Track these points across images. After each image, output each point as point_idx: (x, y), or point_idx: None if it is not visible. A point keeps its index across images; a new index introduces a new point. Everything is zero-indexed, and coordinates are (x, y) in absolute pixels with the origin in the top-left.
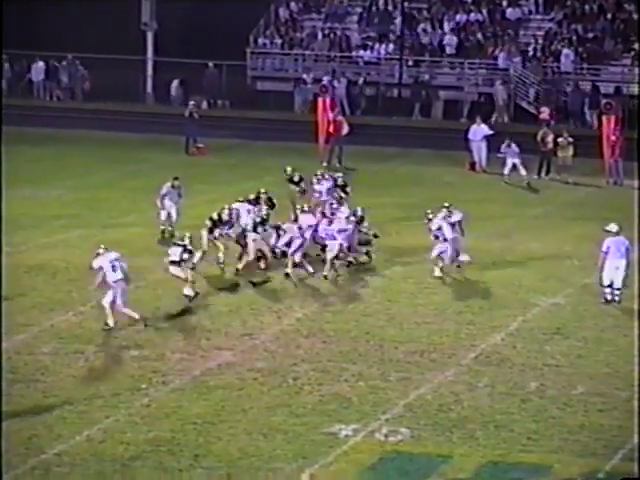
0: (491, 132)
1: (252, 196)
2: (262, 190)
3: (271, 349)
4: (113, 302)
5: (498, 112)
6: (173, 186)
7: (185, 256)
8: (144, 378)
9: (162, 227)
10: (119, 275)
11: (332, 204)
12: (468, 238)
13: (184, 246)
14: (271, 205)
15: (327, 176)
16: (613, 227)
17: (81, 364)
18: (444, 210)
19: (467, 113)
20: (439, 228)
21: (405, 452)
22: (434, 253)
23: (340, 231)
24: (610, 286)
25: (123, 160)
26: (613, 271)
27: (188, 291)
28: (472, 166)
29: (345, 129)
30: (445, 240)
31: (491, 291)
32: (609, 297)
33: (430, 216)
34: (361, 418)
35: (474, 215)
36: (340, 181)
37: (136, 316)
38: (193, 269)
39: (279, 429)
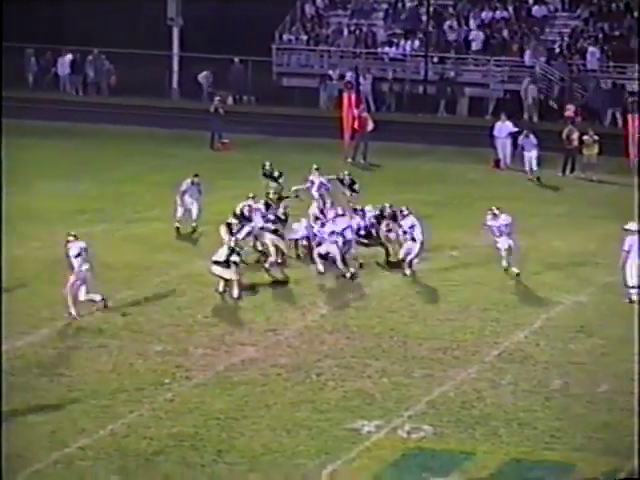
0: (516, 129)
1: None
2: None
3: (295, 345)
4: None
5: (528, 110)
6: (193, 182)
7: (233, 258)
8: (168, 373)
9: (177, 224)
10: (87, 265)
11: (324, 203)
12: (491, 236)
13: (232, 249)
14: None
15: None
16: (633, 225)
17: (105, 359)
18: (489, 213)
19: (492, 110)
20: (412, 226)
21: (428, 449)
22: (401, 253)
23: (333, 233)
24: (635, 287)
25: (148, 155)
26: (636, 270)
27: (235, 293)
28: (497, 163)
29: (370, 125)
30: (413, 240)
31: (515, 289)
32: (634, 297)
33: (496, 211)
34: (384, 414)
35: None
36: (347, 180)
37: (97, 297)
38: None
39: (302, 425)
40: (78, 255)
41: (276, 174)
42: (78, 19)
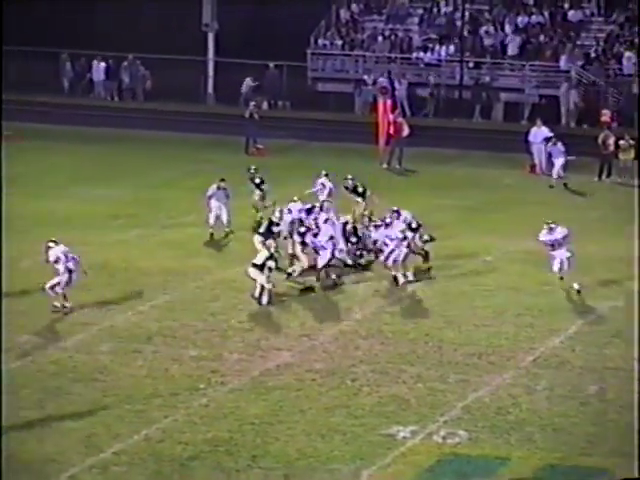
0: (551, 134)
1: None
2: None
3: (329, 350)
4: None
5: (567, 116)
6: (219, 187)
7: (269, 263)
8: (203, 378)
9: (210, 230)
10: (71, 265)
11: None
12: (528, 239)
13: (271, 254)
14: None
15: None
16: None
17: (140, 363)
18: (545, 227)
19: (528, 115)
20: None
21: (463, 454)
22: (390, 261)
23: (331, 238)
24: None
25: (183, 160)
26: None
27: (264, 299)
28: (532, 168)
29: (405, 131)
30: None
31: (549, 294)
32: None
33: (552, 225)
34: (419, 420)
35: (534, 218)
36: (350, 184)
37: (67, 304)
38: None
39: (337, 430)
40: (57, 261)
41: (257, 180)
42: (113, 24)
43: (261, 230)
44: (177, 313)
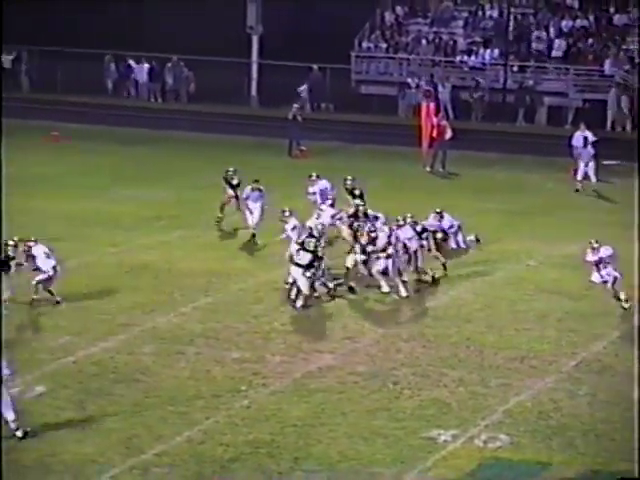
0: (595, 138)
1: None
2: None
3: (371, 353)
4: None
5: (619, 120)
6: (252, 189)
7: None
8: (244, 380)
9: (252, 231)
10: (53, 262)
11: (320, 210)
12: (570, 243)
13: (315, 254)
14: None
15: (318, 178)
16: None
17: (182, 365)
18: (588, 247)
19: (572, 119)
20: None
21: (504, 459)
22: (375, 269)
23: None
24: None
25: (226, 162)
26: None
27: (299, 302)
28: (576, 172)
29: (449, 134)
30: (388, 257)
31: (592, 298)
32: None
33: (595, 245)
34: (460, 424)
35: (578, 222)
36: (349, 184)
37: (57, 299)
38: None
39: (379, 433)
40: (46, 255)
41: (235, 181)
42: (157, 26)
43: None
44: (220, 315)
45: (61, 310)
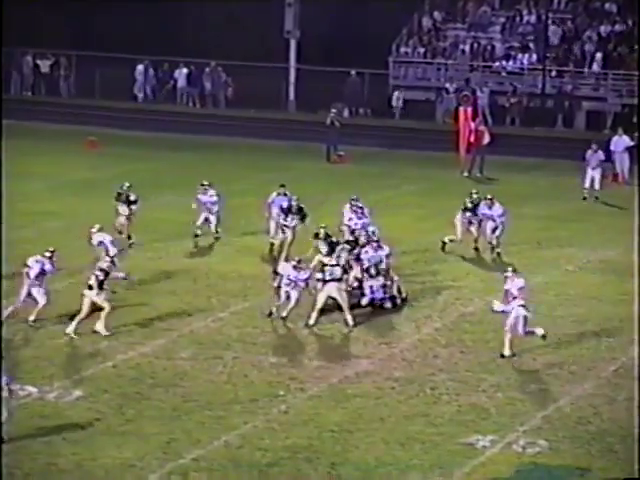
0: (632, 143)
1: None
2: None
3: (409, 358)
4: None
5: None
6: (279, 194)
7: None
8: (282, 385)
9: (272, 240)
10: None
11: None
12: (609, 249)
13: (342, 266)
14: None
15: (210, 187)
16: None
17: (220, 370)
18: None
19: (610, 124)
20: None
21: (542, 464)
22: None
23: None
24: None
25: (265, 167)
26: None
27: (350, 321)
28: (615, 177)
29: (486, 139)
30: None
31: (631, 304)
32: None
33: (508, 274)
34: (499, 429)
35: (615, 227)
36: (294, 203)
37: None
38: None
39: (416, 438)
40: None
41: (133, 198)
42: (196, 31)
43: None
44: (257, 319)
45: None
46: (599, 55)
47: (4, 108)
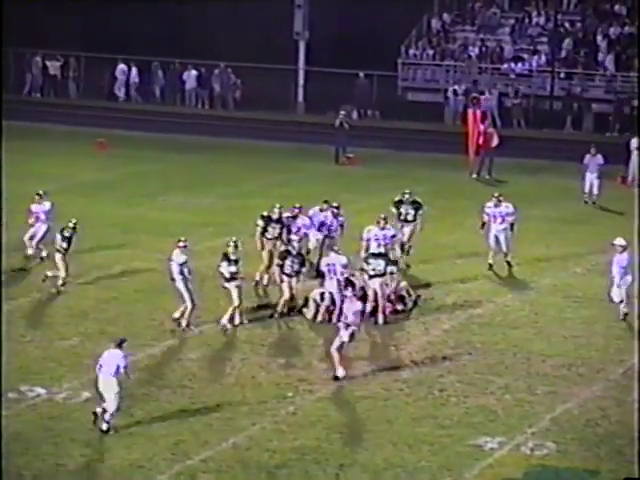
0: None
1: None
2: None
3: (417, 360)
4: None
5: None
6: (322, 209)
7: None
8: (290, 386)
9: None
10: None
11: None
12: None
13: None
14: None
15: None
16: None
17: (228, 371)
18: None
19: (619, 127)
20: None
21: (551, 466)
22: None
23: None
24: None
25: (274, 169)
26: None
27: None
28: (624, 180)
29: (495, 141)
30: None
31: None
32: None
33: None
34: (507, 431)
35: (623, 229)
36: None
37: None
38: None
39: (424, 440)
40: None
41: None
42: (205, 33)
43: None
44: (265, 321)
45: (108, 317)
46: (609, 57)
47: (14, 109)
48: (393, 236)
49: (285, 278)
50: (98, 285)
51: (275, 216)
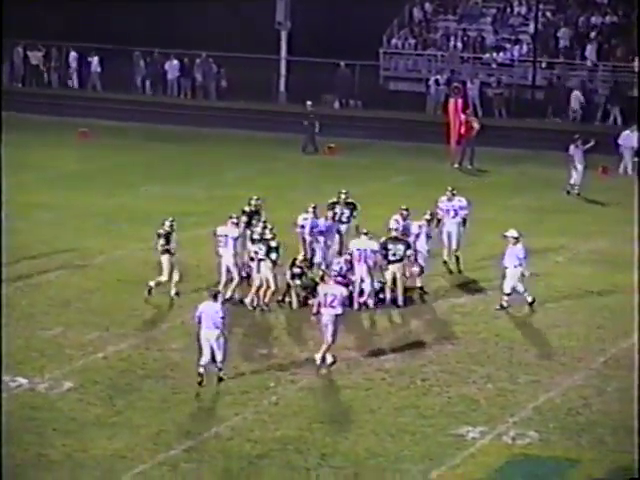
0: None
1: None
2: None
3: (399, 350)
4: None
5: None
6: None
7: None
8: (273, 376)
9: None
10: None
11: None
12: (598, 240)
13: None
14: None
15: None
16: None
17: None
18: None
19: (600, 116)
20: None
21: (533, 455)
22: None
23: None
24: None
25: (256, 158)
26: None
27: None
28: (604, 170)
29: (476, 128)
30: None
31: (621, 296)
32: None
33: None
34: (489, 420)
35: (604, 218)
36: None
37: None
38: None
39: (406, 430)
40: None
41: None
42: (187, 23)
43: None
44: (247, 311)
45: (91, 306)
46: (590, 47)
47: None
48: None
49: (252, 264)
50: (81, 275)
51: (251, 209)
